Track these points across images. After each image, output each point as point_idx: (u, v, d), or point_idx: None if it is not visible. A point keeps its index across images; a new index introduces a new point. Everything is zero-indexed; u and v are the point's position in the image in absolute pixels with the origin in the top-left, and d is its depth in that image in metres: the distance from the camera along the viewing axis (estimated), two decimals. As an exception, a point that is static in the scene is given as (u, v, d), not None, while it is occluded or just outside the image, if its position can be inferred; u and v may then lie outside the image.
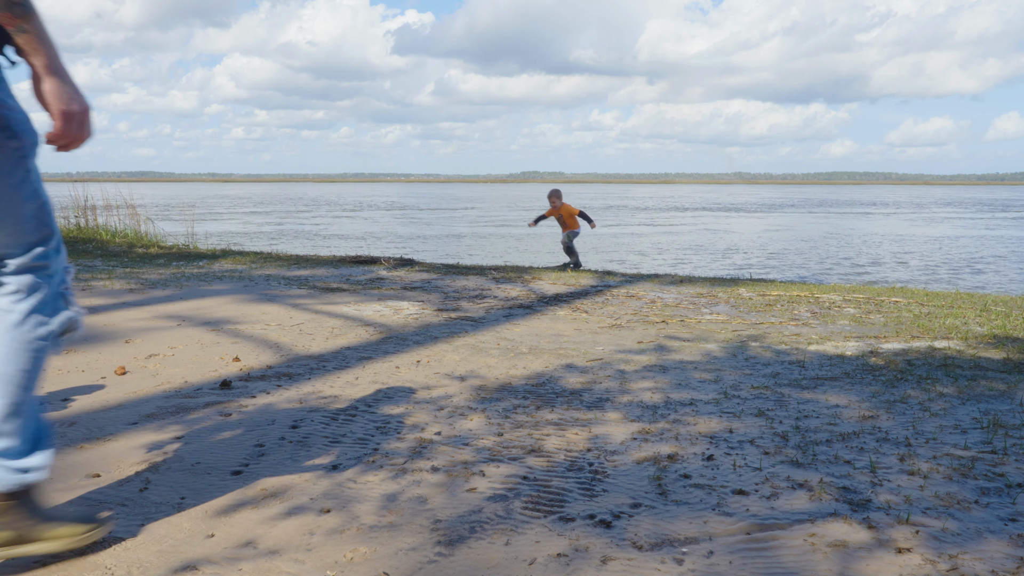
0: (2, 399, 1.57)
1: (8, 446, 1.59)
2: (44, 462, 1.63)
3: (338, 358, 3.76)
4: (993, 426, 2.69)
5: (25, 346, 1.59)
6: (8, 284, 1.60)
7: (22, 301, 1.60)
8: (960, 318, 4.92)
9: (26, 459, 1.62)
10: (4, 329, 1.58)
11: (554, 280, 6.94)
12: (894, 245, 21.04)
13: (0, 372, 1.57)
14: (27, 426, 1.62)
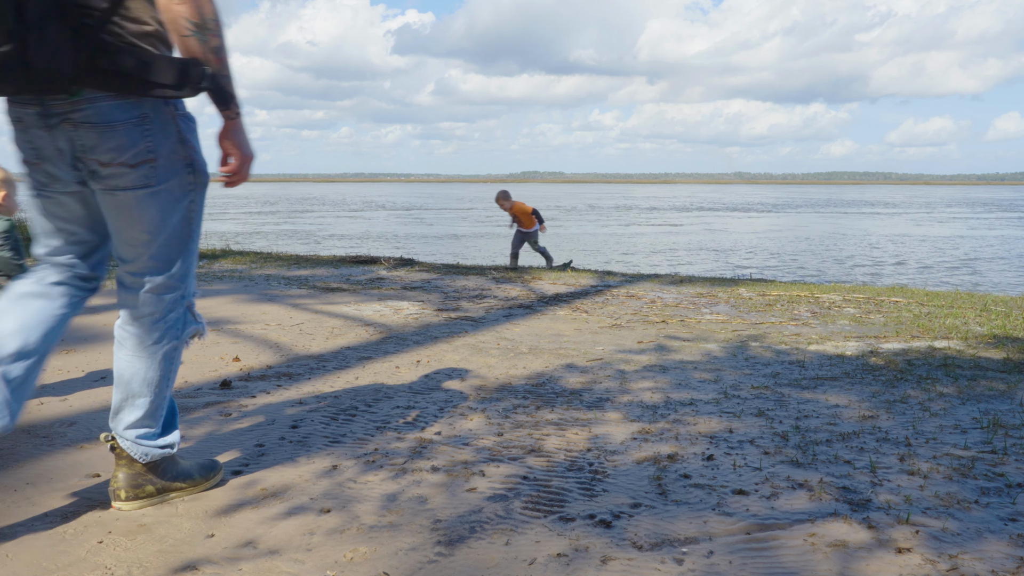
0: (148, 398, 1.91)
1: (150, 431, 1.96)
2: (175, 440, 2.00)
3: (338, 358, 3.77)
4: (993, 426, 2.69)
5: (163, 356, 1.90)
6: (155, 303, 1.86)
7: (160, 319, 1.88)
8: (960, 318, 4.92)
9: (161, 439, 1.99)
10: (149, 342, 1.88)
11: (554, 280, 6.94)
12: (911, 245, 21.03)
13: (144, 378, 1.89)
14: (163, 415, 1.97)
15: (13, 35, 1.49)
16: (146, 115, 1.70)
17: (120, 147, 1.68)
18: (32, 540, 1.83)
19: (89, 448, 2.47)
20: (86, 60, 1.58)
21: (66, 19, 1.55)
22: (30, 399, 1.87)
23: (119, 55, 1.60)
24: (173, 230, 1.81)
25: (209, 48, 1.67)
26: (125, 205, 1.75)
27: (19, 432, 2.62)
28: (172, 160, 1.76)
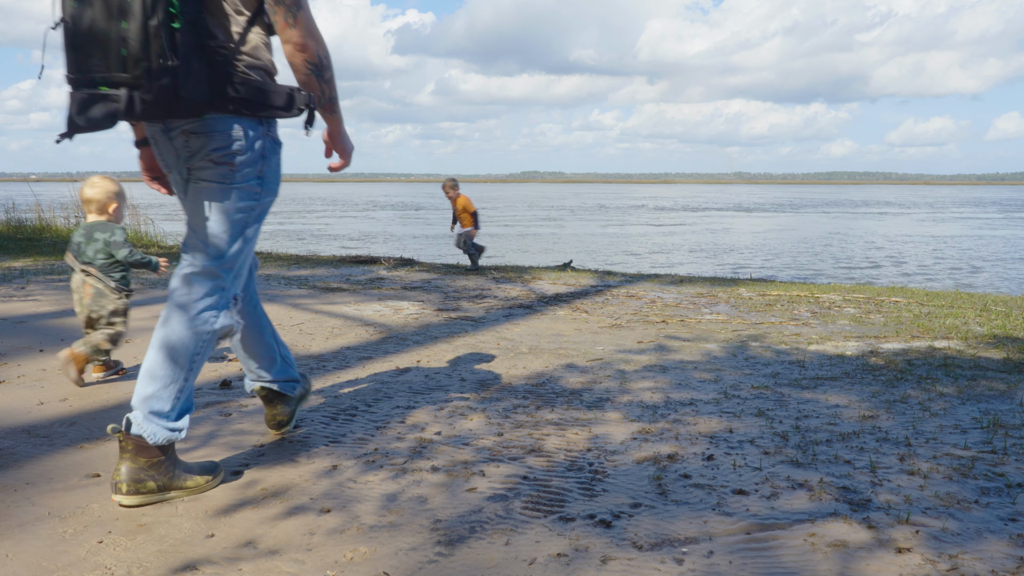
0: (174, 372, 2.03)
1: (165, 409, 2.04)
2: (186, 425, 2.09)
3: (338, 358, 3.77)
4: (993, 426, 2.69)
5: (198, 335, 2.05)
6: (202, 284, 2.06)
7: (203, 299, 2.06)
8: (960, 318, 4.92)
9: (176, 422, 2.07)
10: (188, 316, 2.04)
11: (554, 280, 6.94)
12: (923, 245, 21.02)
13: (178, 351, 2.03)
14: (182, 397, 2.07)
15: (169, 71, 1.77)
16: (245, 132, 2.01)
17: (213, 148, 1.99)
18: (32, 540, 1.84)
19: (89, 448, 2.47)
20: (217, 89, 1.91)
21: (204, 57, 1.88)
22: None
23: (241, 84, 1.94)
24: (229, 226, 2.06)
25: (324, 80, 2.06)
26: (199, 193, 2.03)
27: (19, 432, 2.62)
28: (247, 170, 2.04)
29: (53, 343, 4.03)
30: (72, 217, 11.19)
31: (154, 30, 1.75)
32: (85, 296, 3.22)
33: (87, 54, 1.78)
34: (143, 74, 1.76)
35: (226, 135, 1.99)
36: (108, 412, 2.85)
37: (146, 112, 1.81)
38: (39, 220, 11.30)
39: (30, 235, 10.53)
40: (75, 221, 11.13)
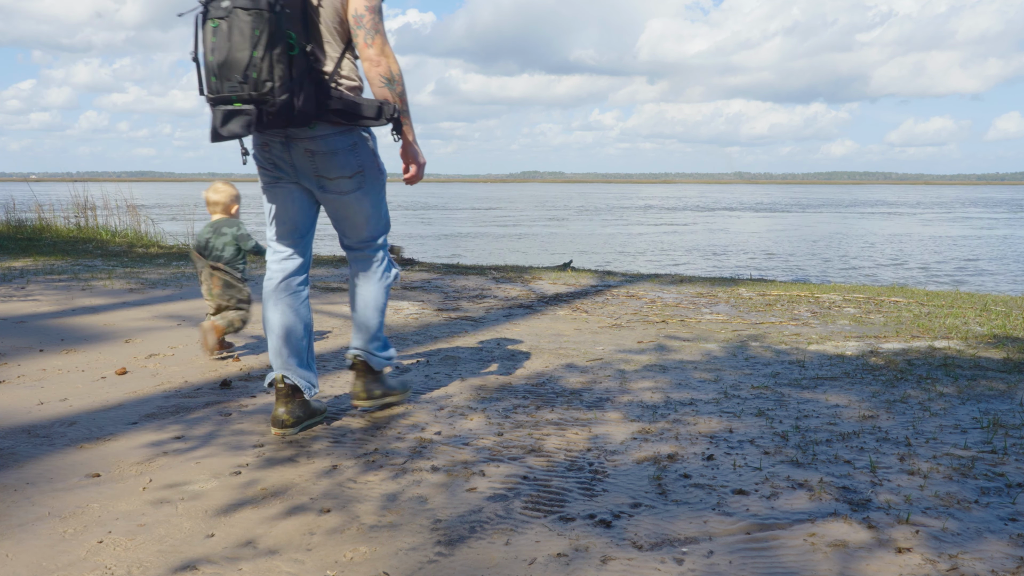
0: (377, 320, 2.75)
1: (379, 346, 2.79)
2: (394, 355, 2.85)
3: (338, 358, 3.76)
4: (993, 426, 2.69)
5: (384, 287, 2.76)
6: (375, 256, 2.73)
7: (380, 264, 2.75)
8: (960, 318, 4.92)
9: (386, 352, 2.83)
10: (375, 280, 2.74)
11: (554, 280, 6.94)
12: (939, 246, 21.02)
13: (375, 306, 2.73)
14: (385, 338, 2.82)
15: (287, 90, 2.22)
16: (355, 143, 2.48)
17: (343, 167, 2.48)
18: (32, 540, 1.84)
19: (89, 448, 2.47)
20: (322, 104, 2.34)
21: (312, 78, 2.32)
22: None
23: (340, 99, 2.37)
24: (376, 210, 2.66)
25: (396, 93, 2.45)
26: (348, 203, 2.58)
27: (19, 432, 2.62)
28: (372, 169, 2.56)
29: (53, 343, 4.03)
30: (72, 218, 11.19)
31: (277, 57, 2.19)
32: (215, 287, 3.64)
33: (224, 77, 2.20)
34: (268, 93, 2.20)
35: (346, 153, 2.47)
36: (108, 412, 2.85)
37: (270, 123, 2.27)
38: (39, 220, 11.30)
39: (30, 235, 10.53)
40: (75, 221, 11.13)
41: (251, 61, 2.17)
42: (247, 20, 2.17)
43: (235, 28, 2.17)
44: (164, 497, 2.09)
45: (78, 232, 10.86)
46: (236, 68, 2.18)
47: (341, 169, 2.48)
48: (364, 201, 2.58)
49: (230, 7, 2.18)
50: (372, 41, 2.39)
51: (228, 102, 2.22)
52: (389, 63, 2.41)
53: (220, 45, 2.19)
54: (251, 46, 2.16)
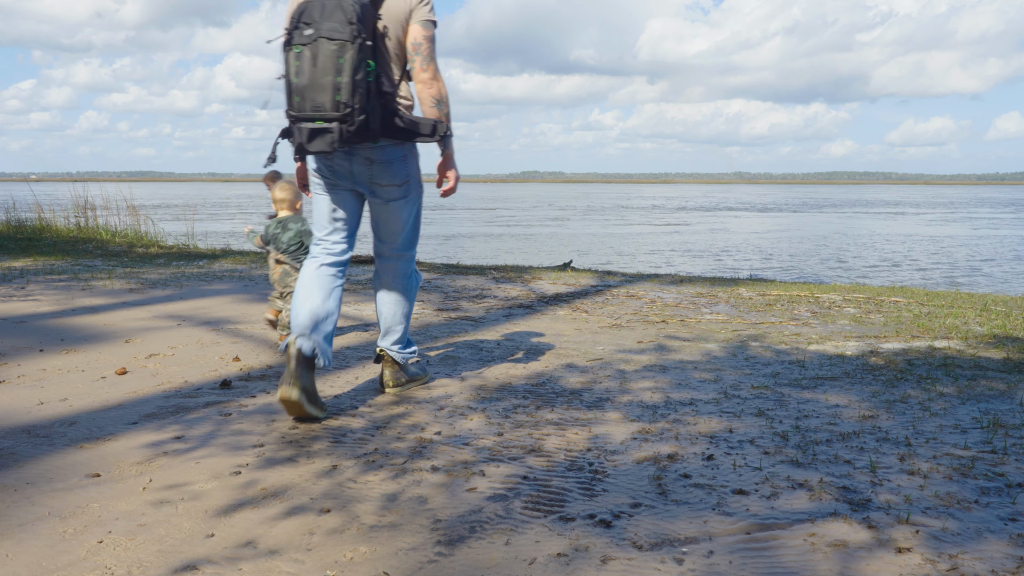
0: (403, 324, 3.06)
1: (402, 345, 3.11)
2: (415, 350, 3.18)
3: (338, 358, 3.76)
4: (993, 426, 2.69)
5: (412, 289, 3.08)
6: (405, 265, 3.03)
7: (408, 272, 3.05)
8: (960, 318, 4.92)
9: (408, 350, 3.15)
10: (403, 287, 3.04)
11: (554, 280, 6.94)
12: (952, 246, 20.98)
13: (402, 312, 3.05)
14: (407, 334, 3.11)
15: (364, 111, 2.51)
16: (406, 155, 2.81)
17: (394, 176, 2.79)
18: (32, 540, 1.84)
19: (89, 448, 2.47)
20: (388, 122, 2.64)
21: (379, 99, 2.60)
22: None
23: (399, 118, 2.66)
24: (413, 221, 2.98)
25: (443, 113, 2.74)
26: (391, 209, 2.88)
27: (19, 432, 2.62)
28: (415, 181, 2.90)
29: (53, 343, 4.03)
30: (72, 218, 11.19)
31: (358, 83, 2.47)
32: (275, 273, 4.06)
33: (310, 99, 2.48)
34: (349, 114, 2.48)
35: (400, 163, 2.79)
36: (108, 412, 2.85)
37: (347, 140, 2.52)
38: (39, 220, 11.30)
39: (30, 235, 10.53)
40: (75, 221, 11.13)
41: (336, 85, 2.46)
42: (332, 48, 2.45)
43: (320, 54, 2.46)
44: (164, 497, 2.09)
45: (78, 232, 10.86)
46: (321, 91, 2.47)
47: (392, 178, 2.80)
48: (405, 210, 2.91)
49: (313, 35, 2.47)
50: (427, 67, 2.70)
51: (311, 120, 2.50)
52: (440, 86, 2.72)
53: (304, 69, 2.48)
54: (335, 72, 2.46)
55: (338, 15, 2.47)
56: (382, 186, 2.80)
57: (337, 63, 2.45)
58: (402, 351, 3.11)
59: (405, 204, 2.89)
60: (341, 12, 2.47)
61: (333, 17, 2.47)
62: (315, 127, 2.50)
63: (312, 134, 2.51)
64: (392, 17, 2.66)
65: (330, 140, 2.51)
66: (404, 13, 2.68)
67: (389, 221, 2.92)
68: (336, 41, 2.45)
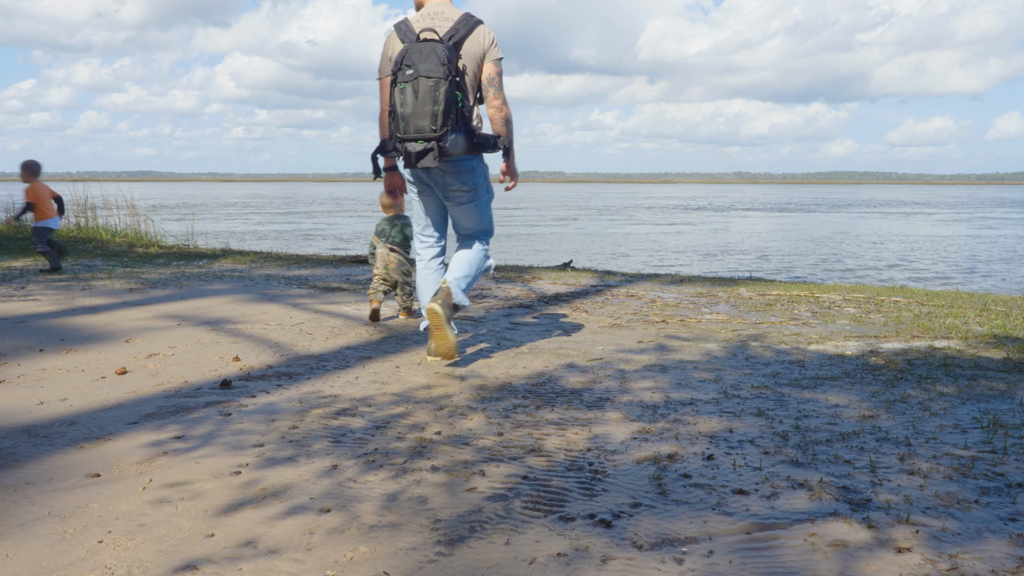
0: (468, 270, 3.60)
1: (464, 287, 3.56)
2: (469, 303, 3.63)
3: (338, 358, 3.77)
4: (993, 426, 2.69)
5: (483, 266, 3.70)
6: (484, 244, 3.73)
7: (483, 248, 3.72)
8: (960, 318, 4.92)
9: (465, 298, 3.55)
10: (477, 252, 3.69)
11: (554, 280, 6.94)
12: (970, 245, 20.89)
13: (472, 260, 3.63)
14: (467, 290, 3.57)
15: (454, 132, 3.21)
16: (475, 167, 3.50)
17: (464, 183, 3.50)
18: (32, 540, 1.84)
19: (89, 448, 2.47)
20: (468, 140, 3.33)
21: (462, 122, 3.27)
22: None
23: (475, 136, 3.35)
24: (484, 218, 3.72)
25: (508, 131, 3.46)
26: (462, 210, 3.64)
27: (19, 432, 2.62)
28: (482, 187, 3.60)
29: (53, 343, 4.03)
30: (72, 217, 11.18)
31: (449, 111, 3.15)
32: (391, 264, 4.70)
33: (413, 124, 3.15)
34: (444, 134, 3.15)
35: (469, 173, 3.49)
36: (108, 412, 2.85)
37: (441, 156, 3.22)
38: (39, 220, 11.28)
39: (30, 235, 10.53)
40: (75, 221, 11.13)
41: (433, 113, 3.13)
42: (430, 85, 3.12)
43: (420, 89, 3.12)
44: (164, 497, 2.09)
45: (78, 232, 10.86)
46: (422, 117, 3.14)
47: (463, 184, 3.51)
48: (474, 211, 3.65)
49: (414, 75, 3.13)
50: (498, 95, 3.40)
51: (414, 141, 3.18)
52: (507, 110, 3.44)
53: (407, 101, 3.14)
54: (433, 103, 3.12)
55: (433, 58, 3.13)
56: (453, 191, 3.53)
57: (434, 96, 3.11)
58: (462, 291, 3.56)
59: (474, 207, 3.62)
60: (435, 56, 3.13)
61: (429, 60, 3.13)
62: (419, 146, 3.16)
63: (420, 152, 3.18)
64: (470, 56, 3.33)
65: (432, 156, 3.17)
66: (479, 54, 3.35)
67: (462, 219, 3.69)
68: (432, 79, 3.11)
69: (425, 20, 3.35)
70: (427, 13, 3.40)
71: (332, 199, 59.80)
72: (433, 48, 3.15)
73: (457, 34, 3.30)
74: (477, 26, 3.34)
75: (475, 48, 3.33)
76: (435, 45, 3.17)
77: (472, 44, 3.32)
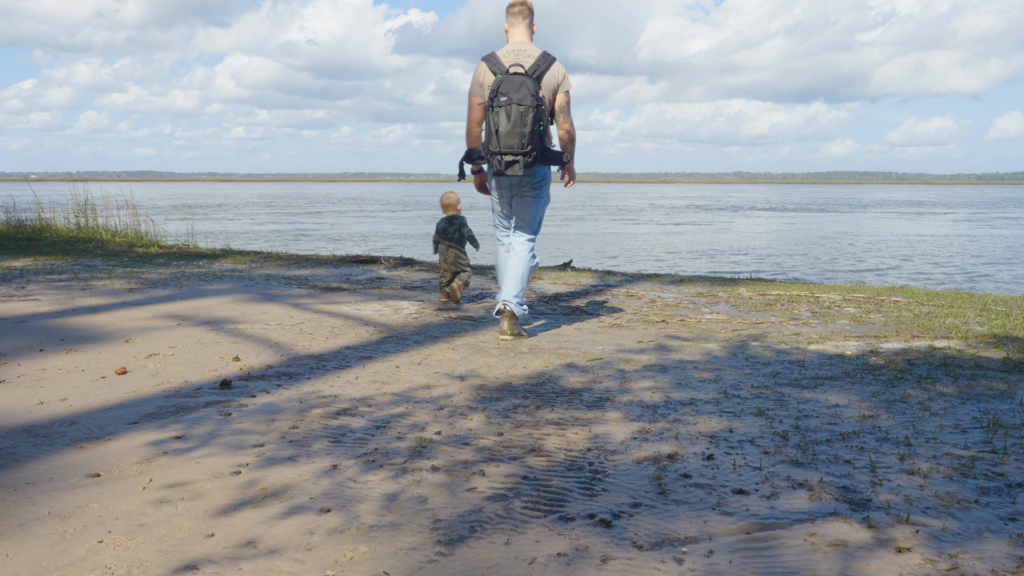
0: (521, 285, 4.26)
1: (520, 301, 4.27)
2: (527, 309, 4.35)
3: (338, 358, 3.77)
4: (993, 425, 2.69)
5: (529, 266, 4.30)
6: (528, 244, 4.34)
7: (530, 250, 4.34)
8: (960, 317, 4.92)
9: (523, 306, 4.30)
10: (525, 259, 4.30)
11: (554, 280, 6.94)
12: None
13: (522, 274, 4.27)
14: (523, 295, 4.28)
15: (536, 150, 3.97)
16: (544, 174, 4.28)
17: (535, 185, 4.27)
18: (32, 540, 1.84)
19: (89, 448, 2.47)
20: (543, 154, 4.06)
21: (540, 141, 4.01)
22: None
23: (549, 151, 4.12)
24: (540, 213, 4.40)
25: (573, 147, 4.24)
26: (527, 204, 4.32)
27: (19, 432, 2.62)
28: (546, 189, 4.35)
29: (53, 343, 4.03)
30: (72, 217, 11.18)
31: (533, 132, 3.94)
32: (449, 257, 5.43)
33: (505, 141, 3.93)
34: (529, 151, 3.95)
35: (538, 177, 4.27)
36: (108, 411, 2.85)
37: (525, 168, 3.99)
38: (39, 220, 11.30)
39: (30, 235, 10.53)
40: (75, 221, 11.13)
41: (522, 133, 3.92)
42: (521, 111, 3.90)
43: (513, 114, 3.91)
44: (164, 497, 2.09)
45: (78, 232, 10.86)
46: (513, 136, 3.93)
47: (533, 187, 4.30)
48: (534, 205, 4.35)
49: (508, 102, 3.91)
50: (567, 119, 4.20)
51: (505, 154, 3.97)
52: (573, 131, 4.22)
53: (502, 122, 3.93)
54: (523, 126, 3.92)
55: (524, 90, 3.91)
56: (525, 190, 4.30)
57: (523, 120, 3.91)
58: (520, 306, 4.26)
59: (536, 202, 4.35)
60: (526, 88, 3.92)
61: (520, 91, 3.91)
62: (509, 159, 3.97)
63: (509, 163, 3.98)
64: (547, 88, 4.09)
65: (519, 167, 3.99)
66: (555, 86, 4.12)
67: (523, 212, 4.36)
68: (523, 106, 3.90)
69: (512, 56, 4.07)
70: (512, 49, 4.10)
71: (350, 198, 59.78)
72: (523, 81, 3.93)
73: (539, 69, 4.03)
74: (553, 63, 4.08)
75: (552, 81, 4.09)
76: (524, 79, 3.93)
77: (550, 78, 4.08)
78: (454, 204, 5.69)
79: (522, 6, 4.16)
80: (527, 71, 3.98)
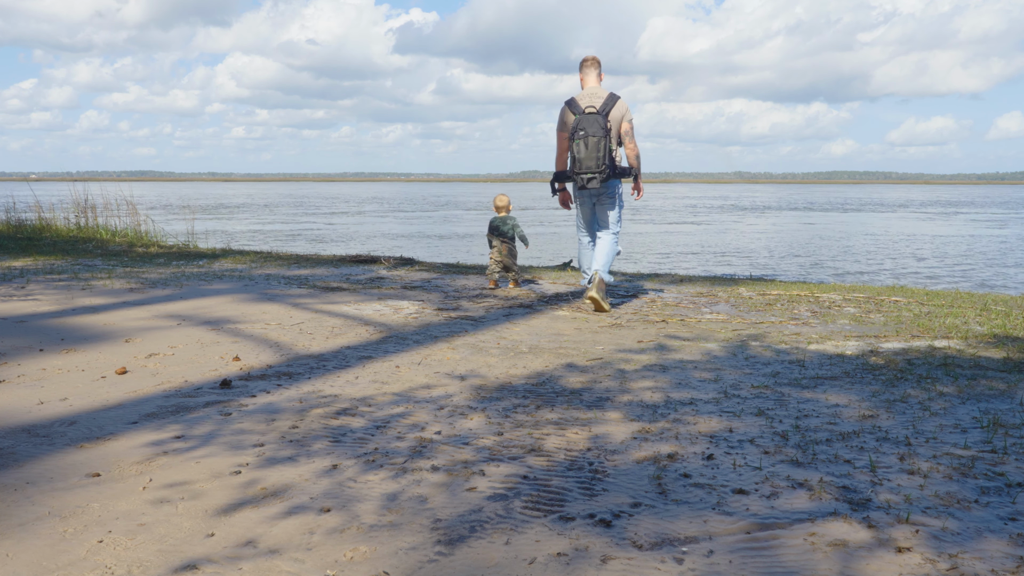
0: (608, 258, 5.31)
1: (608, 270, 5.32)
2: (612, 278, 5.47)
3: (338, 357, 3.77)
4: (993, 425, 2.69)
5: (614, 251, 5.39)
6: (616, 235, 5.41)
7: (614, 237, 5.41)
8: (960, 317, 4.92)
9: (610, 275, 5.44)
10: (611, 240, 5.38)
11: (554, 279, 6.94)
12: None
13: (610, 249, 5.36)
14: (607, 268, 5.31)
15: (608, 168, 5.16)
16: (617, 186, 5.38)
17: (610, 196, 5.35)
18: (32, 540, 1.84)
19: (89, 448, 2.47)
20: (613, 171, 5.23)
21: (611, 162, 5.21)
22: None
23: (617, 169, 5.27)
24: (617, 214, 5.40)
25: (638, 163, 5.31)
26: (606, 208, 5.38)
27: (19, 432, 2.62)
28: (620, 198, 5.39)
29: (53, 343, 4.03)
30: (72, 217, 11.18)
31: (605, 156, 5.09)
32: (503, 251, 6.25)
33: (584, 164, 5.09)
34: (603, 169, 5.09)
35: (613, 189, 5.29)
36: (108, 411, 2.85)
37: (600, 182, 5.12)
38: (39, 220, 11.30)
39: (30, 235, 10.53)
40: (75, 221, 11.13)
41: (597, 157, 5.06)
42: (595, 141, 5.05)
43: (589, 144, 5.06)
44: (164, 497, 2.09)
45: (78, 232, 10.86)
46: (591, 160, 5.07)
47: (609, 197, 5.30)
48: (612, 213, 5.34)
49: (585, 135, 5.06)
50: (631, 142, 5.24)
51: (585, 174, 5.09)
52: (638, 151, 5.26)
53: (581, 150, 5.08)
54: (597, 151, 5.06)
55: (596, 125, 5.05)
56: (603, 200, 5.32)
57: (598, 147, 5.05)
58: (607, 274, 5.23)
59: (613, 206, 5.31)
60: (597, 123, 5.05)
61: (594, 126, 5.05)
62: (588, 176, 5.09)
63: (588, 179, 5.10)
64: (614, 119, 5.17)
65: (596, 181, 5.10)
66: (620, 117, 5.18)
67: (604, 218, 5.36)
68: (596, 137, 5.05)
69: (586, 99, 5.19)
70: (587, 93, 5.24)
71: (371, 198, 59.76)
72: (595, 119, 5.07)
73: (607, 107, 5.15)
74: (618, 100, 5.18)
75: (617, 114, 5.20)
76: (596, 116, 5.08)
77: (616, 112, 5.18)
78: (506, 205, 6.55)
79: (593, 60, 5.39)
80: (598, 110, 5.12)
